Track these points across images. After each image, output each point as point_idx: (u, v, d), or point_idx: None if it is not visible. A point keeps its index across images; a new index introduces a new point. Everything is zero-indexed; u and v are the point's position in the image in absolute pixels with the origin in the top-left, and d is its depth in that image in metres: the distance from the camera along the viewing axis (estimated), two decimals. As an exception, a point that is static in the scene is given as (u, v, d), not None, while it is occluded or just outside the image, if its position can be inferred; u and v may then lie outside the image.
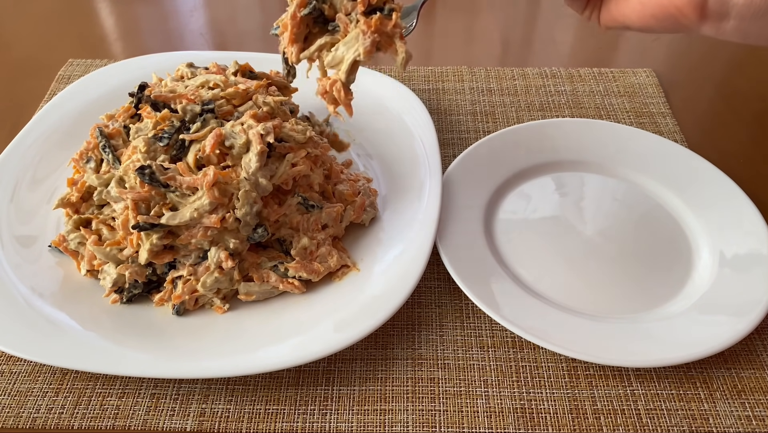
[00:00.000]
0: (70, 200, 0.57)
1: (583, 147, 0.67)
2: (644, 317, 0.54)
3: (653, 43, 0.87)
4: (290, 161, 0.55)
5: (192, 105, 0.56)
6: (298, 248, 0.55)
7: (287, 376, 0.51)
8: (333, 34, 0.50)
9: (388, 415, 0.49)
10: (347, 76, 0.49)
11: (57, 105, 0.69)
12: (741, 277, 0.55)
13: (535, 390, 0.50)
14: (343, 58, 0.49)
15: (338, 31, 0.49)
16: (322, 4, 0.49)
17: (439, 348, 0.53)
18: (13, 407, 0.49)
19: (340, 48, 0.49)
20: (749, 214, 0.59)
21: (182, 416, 0.49)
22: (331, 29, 0.50)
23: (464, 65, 0.82)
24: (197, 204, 0.51)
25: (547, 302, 0.54)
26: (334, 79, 0.49)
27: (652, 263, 0.58)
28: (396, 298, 0.51)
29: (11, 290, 0.53)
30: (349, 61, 0.49)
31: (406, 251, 0.55)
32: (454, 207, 0.60)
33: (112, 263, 0.54)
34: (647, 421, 0.48)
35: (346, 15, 0.49)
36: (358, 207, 0.59)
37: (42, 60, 0.83)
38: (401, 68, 0.50)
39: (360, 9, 0.48)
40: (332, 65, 0.50)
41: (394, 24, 0.49)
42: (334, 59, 0.49)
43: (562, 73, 0.81)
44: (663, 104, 0.76)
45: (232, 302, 0.54)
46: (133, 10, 0.94)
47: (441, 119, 0.74)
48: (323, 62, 0.51)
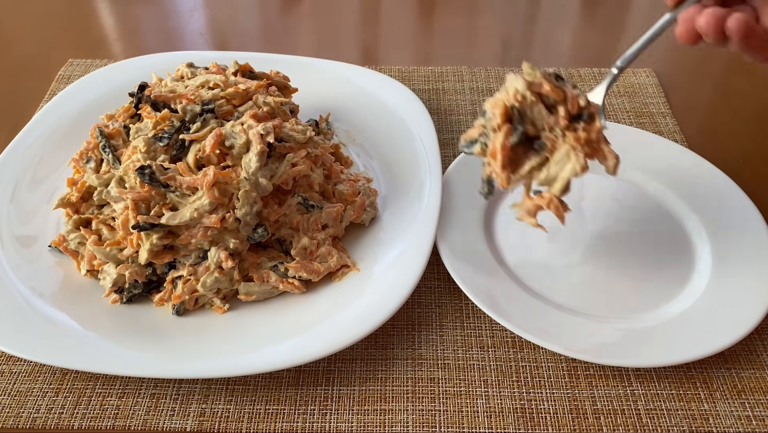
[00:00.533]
0: (70, 200, 0.57)
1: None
2: (644, 317, 0.54)
3: (653, 44, 0.87)
4: (290, 161, 0.55)
5: (192, 105, 0.56)
6: (298, 248, 0.55)
7: (287, 376, 0.51)
8: (539, 152, 0.49)
9: (388, 415, 0.49)
10: (562, 193, 0.49)
11: (57, 105, 0.69)
12: (741, 277, 0.55)
13: (535, 390, 0.50)
14: (557, 176, 0.48)
15: (545, 148, 0.49)
16: (525, 126, 0.49)
17: (439, 348, 0.53)
18: (13, 407, 0.49)
19: (552, 167, 0.49)
20: (749, 214, 0.59)
21: (182, 416, 0.49)
22: (537, 148, 0.49)
23: (464, 65, 0.82)
24: (197, 204, 0.52)
25: (547, 302, 0.54)
26: (549, 198, 0.49)
27: (652, 264, 0.58)
28: (396, 298, 0.51)
29: (11, 290, 0.53)
30: (565, 179, 0.48)
31: (406, 251, 0.55)
32: (454, 207, 0.60)
33: (112, 263, 0.54)
34: (647, 421, 0.48)
35: (550, 131, 0.49)
36: (358, 207, 0.59)
37: (42, 60, 0.83)
38: (612, 173, 0.49)
39: (563, 123, 0.48)
40: (545, 184, 0.49)
41: (598, 130, 0.49)
42: (547, 179, 0.49)
43: (562, 73, 0.80)
44: (663, 104, 0.76)
45: (232, 302, 0.54)
46: (133, 10, 0.94)
47: (441, 119, 0.74)
48: (530, 181, 0.50)
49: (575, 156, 0.47)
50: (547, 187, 0.49)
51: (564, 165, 0.48)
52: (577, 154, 0.47)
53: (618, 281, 0.56)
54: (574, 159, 0.47)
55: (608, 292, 0.56)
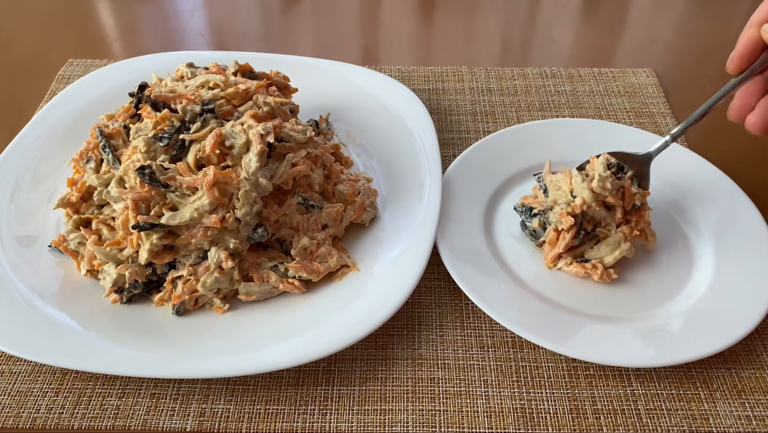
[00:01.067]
0: (70, 200, 0.57)
1: (583, 147, 0.67)
2: (644, 317, 0.54)
3: (653, 44, 0.87)
4: (290, 161, 0.55)
5: (192, 105, 0.56)
6: (298, 248, 0.55)
7: (287, 376, 0.51)
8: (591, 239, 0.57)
9: (388, 415, 0.49)
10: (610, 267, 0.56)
11: (57, 105, 0.69)
12: (741, 277, 0.55)
13: (535, 390, 0.50)
14: (606, 256, 0.56)
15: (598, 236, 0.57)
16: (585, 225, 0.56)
17: (439, 348, 0.53)
18: (13, 407, 0.49)
19: (603, 248, 0.56)
20: (749, 214, 0.59)
21: (182, 416, 0.49)
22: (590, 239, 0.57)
23: (464, 65, 0.82)
24: (197, 204, 0.51)
25: (547, 302, 0.54)
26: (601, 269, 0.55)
27: (652, 264, 0.58)
28: (396, 298, 0.51)
29: (11, 290, 0.53)
30: (616, 259, 0.55)
31: (406, 251, 0.55)
32: (454, 207, 0.60)
33: (112, 263, 0.54)
34: (647, 421, 0.48)
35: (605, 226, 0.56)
36: (358, 207, 0.59)
37: (42, 60, 0.83)
38: (651, 250, 0.58)
39: (618, 221, 0.55)
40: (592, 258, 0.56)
41: (647, 221, 0.56)
42: (595, 256, 0.56)
43: (562, 73, 0.81)
44: (663, 104, 0.76)
45: (232, 302, 0.54)
46: (133, 10, 0.94)
47: (441, 119, 0.74)
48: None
49: (624, 244, 0.55)
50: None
51: (614, 249, 0.55)
52: (626, 243, 0.55)
53: (618, 281, 0.56)
54: (624, 246, 0.55)
55: (608, 292, 0.56)
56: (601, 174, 0.55)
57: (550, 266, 0.56)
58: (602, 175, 0.54)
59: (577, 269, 0.56)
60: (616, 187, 0.55)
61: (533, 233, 0.58)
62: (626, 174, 0.56)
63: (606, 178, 0.54)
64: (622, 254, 0.55)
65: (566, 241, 0.55)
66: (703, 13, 0.93)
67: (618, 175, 0.55)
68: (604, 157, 0.56)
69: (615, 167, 0.55)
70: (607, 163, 0.55)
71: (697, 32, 0.90)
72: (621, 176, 0.55)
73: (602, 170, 0.55)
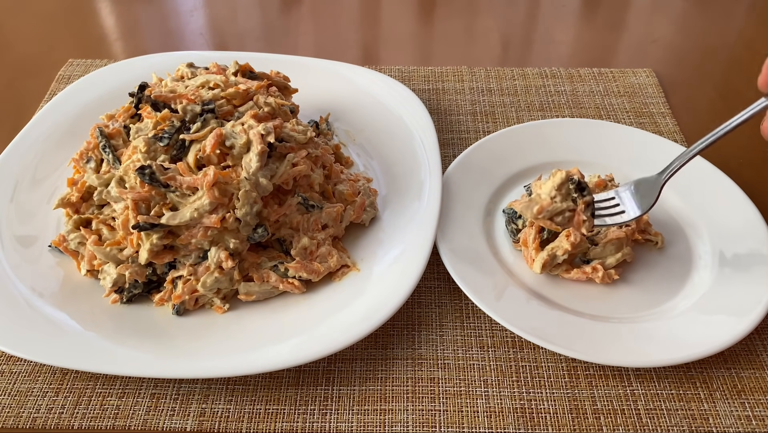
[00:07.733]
0: (70, 200, 0.57)
1: (583, 147, 0.67)
2: (644, 317, 0.54)
3: (653, 44, 0.87)
4: (291, 161, 0.55)
5: (192, 105, 0.56)
6: (298, 248, 0.55)
7: (287, 376, 0.51)
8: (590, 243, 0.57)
9: (388, 415, 0.49)
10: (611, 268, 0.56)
11: (57, 105, 0.69)
12: (741, 277, 0.55)
13: (535, 390, 0.50)
14: (607, 257, 0.56)
15: (596, 238, 0.57)
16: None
17: (439, 348, 0.53)
18: (13, 407, 0.49)
19: (602, 250, 0.56)
20: (749, 214, 0.59)
21: (182, 416, 0.49)
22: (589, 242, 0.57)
23: (464, 65, 0.82)
24: (197, 204, 0.51)
25: (546, 302, 0.54)
26: (602, 271, 0.55)
27: (652, 264, 0.58)
28: (396, 298, 0.51)
29: (11, 290, 0.53)
30: (617, 261, 0.56)
31: (406, 251, 0.55)
32: (454, 207, 0.60)
33: (112, 263, 0.54)
34: (647, 421, 0.48)
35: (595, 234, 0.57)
36: (358, 207, 0.59)
37: (42, 60, 0.83)
38: (660, 248, 0.58)
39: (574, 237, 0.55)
40: (595, 257, 0.57)
41: (645, 221, 0.58)
42: (600, 256, 0.56)
43: (562, 73, 0.81)
44: (663, 104, 0.76)
45: (232, 302, 0.54)
46: (133, 10, 0.94)
47: (441, 119, 0.74)
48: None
49: (625, 247, 0.56)
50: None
51: (617, 250, 0.56)
52: (627, 248, 0.56)
53: (618, 281, 0.56)
54: (626, 250, 0.56)
55: (608, 292, 0.56)
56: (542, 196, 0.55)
57: (537, 271, 0.56)
58: (542, 198, 0.55)
59: (579, 274, 0.55)
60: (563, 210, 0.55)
61: (514, 233, 0.59)
62: (584, 197, 0.55)
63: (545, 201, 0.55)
64: (624, 257, 0.56)
65: (534, 245, 0.56)
66: (703, 13, 0.93)
67: (574, 195, 0.55)
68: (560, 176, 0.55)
69: (575, 185, 0.55)
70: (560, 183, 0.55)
71: (697, 32, 0.90)
72: (577, 197, 0.55)
73: (547, 191, 0.55)
